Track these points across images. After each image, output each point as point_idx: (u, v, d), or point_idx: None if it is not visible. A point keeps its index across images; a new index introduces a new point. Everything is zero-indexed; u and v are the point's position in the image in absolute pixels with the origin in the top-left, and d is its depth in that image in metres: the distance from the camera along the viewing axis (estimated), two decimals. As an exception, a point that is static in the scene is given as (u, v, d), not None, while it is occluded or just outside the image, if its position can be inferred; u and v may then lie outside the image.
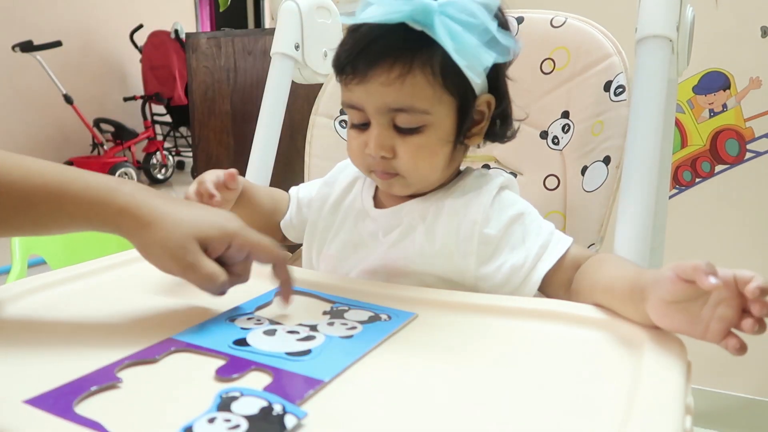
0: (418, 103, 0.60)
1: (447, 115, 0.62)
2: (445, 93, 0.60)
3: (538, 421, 0.38)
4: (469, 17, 0.57)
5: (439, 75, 0.59)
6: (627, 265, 0.58)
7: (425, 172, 0.64)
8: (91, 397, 0.39)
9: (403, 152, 0.62)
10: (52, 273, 0.62)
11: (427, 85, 0.59)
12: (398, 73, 0.58)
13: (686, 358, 0.44)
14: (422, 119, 0.60)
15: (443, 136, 0.62)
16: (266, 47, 1.61)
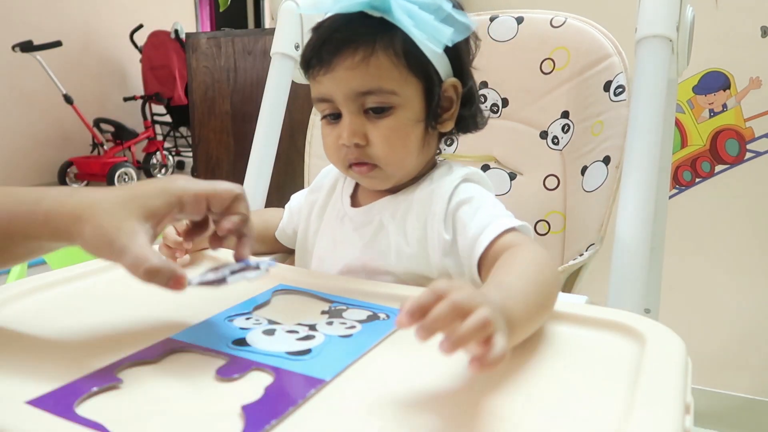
0: (385, 84, 0.61)
1: (414, 96, 0.63)
2: (410, 74, 0.62)
3: (537, 420, 0.38)
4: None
5: (402, 57, 0.61)
6: (494, 280, 0.51)
7: (400, 154, 0.64)
8: (92, 397, 0.39)
9: (375, 137, 0.62)
10: (52, 273, 0.62)
11: (392, 66, 0.61)
12: (362, 56, 0.60)
13: (686, 358, 0.44)
14: (390, 99, 0.62)
15: (413, 116, 0.63)
16: (266, 47, 1.61)
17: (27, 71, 4.39)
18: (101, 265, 0.66)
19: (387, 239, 0.66)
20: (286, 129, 0.98)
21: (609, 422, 0.37)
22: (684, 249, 1.41)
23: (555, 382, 0.43)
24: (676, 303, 1.32)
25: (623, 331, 0.49)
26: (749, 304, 1.39)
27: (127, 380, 0.41)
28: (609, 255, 0.71)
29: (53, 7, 4.65)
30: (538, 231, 0.88)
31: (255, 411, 0.38)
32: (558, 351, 0.47)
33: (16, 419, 0.36)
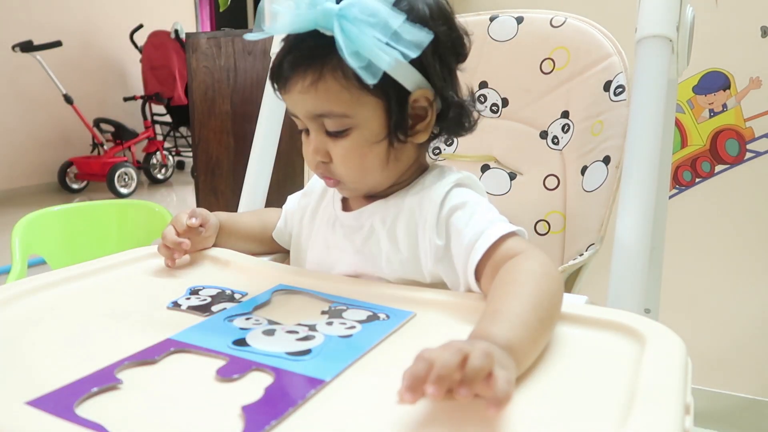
0: (335, 108, 0.60)
1: (372, 115, 0.61)
2: (366, 94, 0.60)
3: (537, 420, 0.38)
4: (369, 17, 0.56)
5: (353, 78, 0.58)
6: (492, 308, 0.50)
7: (357, 174, 0.64)
8: (92, 398, 0.39)
9: (335, 155, 0.63)
10: (52, 273, 0.62)
11: (341, 89, 0.59)
12: (311, 81, 0.59)
13: (686, 358, 0.44)
14: (344, 122, 0.61)
15: (370, 137, 0.62)
16: (266, 47, 1.61)
17: (27, 71, 4.40)
18: (101, 265, 0.66)
19: (378, 245, 0.66)
20: (286, 129, 0.98)
21: (609, 422, 0.37)
22: (684, 249, 1.41)
23: (555, 382, 0.43)
24: (676, 303, 1.32)
25: (623, 331, 0.49)
26: (749, 304, 1.39)
27: (127, 381, 0.41)
28: (609, 255, 0.71)
29: (53, 7, 4.65)
30: (538, 231, 0.88)
31: (255, 411, 0.38)
32: (558, 351, 0.47)
33: (16, 420, 0.36)
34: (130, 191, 4.43)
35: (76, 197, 4.45)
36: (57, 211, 1.51)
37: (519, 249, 0.57)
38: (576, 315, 0.52)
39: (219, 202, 1.88)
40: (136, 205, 1.65)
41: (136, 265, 0.68)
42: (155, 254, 0.70)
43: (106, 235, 1.53)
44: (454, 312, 0.55)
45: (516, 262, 0.54)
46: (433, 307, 0.56)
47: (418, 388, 0.37)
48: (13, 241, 1.33)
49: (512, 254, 0.56)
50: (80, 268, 0.64)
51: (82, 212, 1.58)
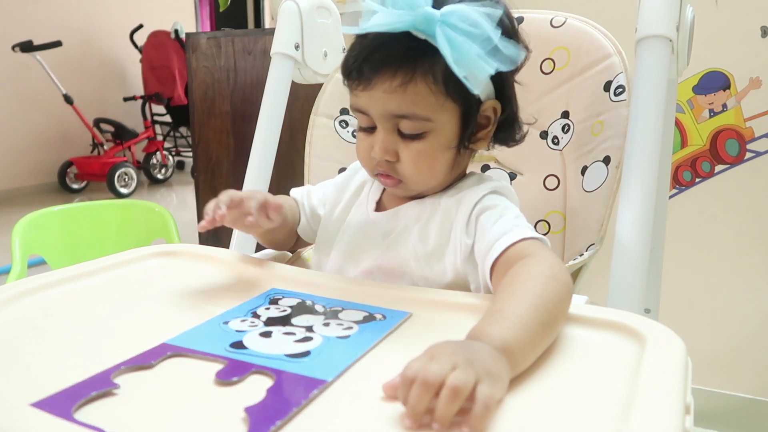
0: (420, 111, 0.61)
1: (449, 121, 0.63)
2: (448, 100, 0.61)
3: (537, 420, 0.38)
4: (471, 27, 0.57)
5: (441, 83, 0.60)
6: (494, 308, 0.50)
7: (425, 177, 0.65)
8: (91, 403, 0.39)
9: (405, 156, 0.63)
10: (52, 273, 0.62)
11: (429, 93, 0.60)
12: (400, 81, 0.59)
13: (686, 358, 0.44)
14: (424, 126, 0.62)
15: (445, 142, 0.63)
16: (266, 47, 1.61)
17: (27, 71, 4.40)
18: (101, 265, 0.66)
19: (407, 240, 0.66)
20: (286, 129, 0.98)
21: (609, 422, 0.37)
22: (684, 249, 1.41)
23: (555, 382, 0.43)
24: (676, 303, 1.32)
25: (623, 331, 0.49)
26: (749, 304, 1.39)
27: (125, 385, 0.41)
28: (609, 255, 0.71)
29: (53, 7, 4.65)
30: (538, 231, 0.88)
31: (259, 412, 0.38)
32: (558, 351, 0.47)
33: (18, 422, 0.36)
34: (130, 191, 4.43)
35: (76, 197, 4.45)
36: (57, 211, 1.51)
37: (533, 252, 0.57)
38: (576, 315, 0.52)
39: (219, 202, 1.88)
40: (136, 205, 1.65)
41: (136, 265, 0.68)
42: (155, 254, 0.70)
43: (106, 235, 1.53)
44: (450, 312, 0.55)
45: (526, 264, 0.55)
46: (428, 307, 0.56)
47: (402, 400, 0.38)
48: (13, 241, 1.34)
49: (525, 255, 0.56)
50: (80, 268, 0.64)
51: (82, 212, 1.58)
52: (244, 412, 0.37)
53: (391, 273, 0.66)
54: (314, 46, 0.98)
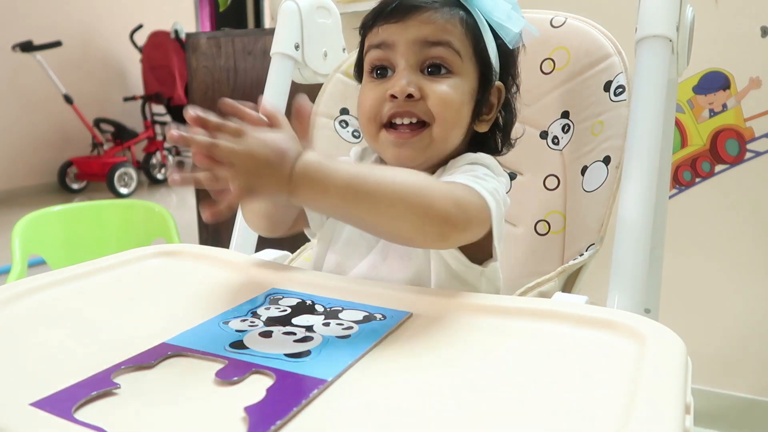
0: (456, 43, 0.61)
1: (473, 75, 0.64)
2: (473, 58, 0.63)
3: (537, 420, 0.38)
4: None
5: (471, 37, 0.62)
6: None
7: (452, 119, 0.63)
8: (91, 403, 0.39)
9: (432, 92, 0.61)
10: (52, 273, 0.62)
11: (463, 36, 0.62)
12: (441, 15, 0.61)
13: (686, 358, 0.44)
14: (454, 60, 0.62)
15: (468, 91, 0.63)
16: (266, 47, 1.61)
17: (27, 71, 4.40)
18: (101, 265, 0.66)
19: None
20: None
21: (609, 422, 0.37)
22: (684, 249, 1.41)
23: (555, 382, 0.43)
24: (676, 303, 1.32)
25: (623, 331, 0.49)
26: (749, 304, 1.39)
27: (125, 385, 0.41)
28: (609, 255, 0.71)
29: (53, 7, 4.65)
30: (538, 231, 0.88)
31: (259, 412, 0.38)
32: (558, 351, 0.47)
33: (19, 421, 0.36)
34: (130, 191, 4.43)
35: (76, 197, 4.46)
36: (57, 211, 1.51)
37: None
38: (576, 315, 0.52)
39: (219, 202, 1.88)
40: (136, 205, 1.65)
41: (136, 265, 0.68)
42: (155, 254, 0.70)
43: (106, 235, 1.53)
44: (450, 312, 0.55)
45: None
46: (428, 307, 0.56)
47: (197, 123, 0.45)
48: (13, 241, 1.34)
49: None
50: (80, 268, 0.64)
51: (83, 212, 1.58)
52: (243, 412, 0.37)
53: (396, 255, 0.66)
54: (314, 46, 0.98)
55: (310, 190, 0.49)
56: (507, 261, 0.89)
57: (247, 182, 0.46)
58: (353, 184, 0.50)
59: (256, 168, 0.46)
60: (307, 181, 0.48)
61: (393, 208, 0.51)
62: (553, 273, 0.78)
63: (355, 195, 0.50)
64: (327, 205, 0.51)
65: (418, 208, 0.52)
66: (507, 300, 0.57)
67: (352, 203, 0.50)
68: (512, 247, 0.88)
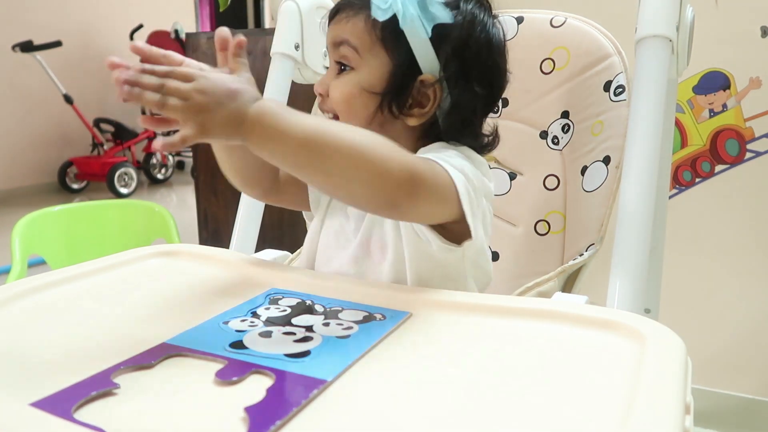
0: (353, 39, 0.65)
1: (376, 67, 0.65)
2: (380, 46, 0.64)
3: (537, 420, 0.38)
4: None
5: (379, 28, 0.63)
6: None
7: (344, 111, 0.66)
8: (91, 403, 0.39)
9: (331, 89, 0.67)
10: (52, 273, 0.62)
11: (364, 31, 0.64)
12: (346, 15, 0.66)
13: (686, 358, 0.44)
14: (352, 57, 0.65)
15: (365, 84, 0.65)
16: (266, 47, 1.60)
17: (27, 71, 4.40)
18: (101, 265, 0.66)
19: (382, 230, 0.66)
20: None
21: (609, 422, 0.37)
22: (684, 249, 1.41)
23: (555, 382, 0.43)
24: (676, 303, 1.32)
25: (623, 331, 0.49)
26: (749, 304, 1.39)
27: (125, 385, 0.41)
28: (609, 255, 0.71)
29: (53, 7, 4.65)
30: (538, 231, 0.88)
31: (259, 412, 0.38)
32: (558, 351, 0.47)
33: (18, 422, 0.36)
34: (130, 191, 4.43)
35: (76, 197, 4.45)
36: (57, 211, 1.51)
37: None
38: (576, 315, 0.52)
39: (219, 202, 1.88)
40: (136, 205, 1.66)
41: (136, 265, 0.68)
42: (155, 254, 0.70)
43: (106, 236, 1.53)
44: (450, 312, 0.55)
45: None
46: (428, 307, 0.56)
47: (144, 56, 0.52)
48: (13, 241, 1.34)
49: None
50: (80, 268, 0.64)
51: (83, 212, 1.58)
52: (244, 412, 0.37)
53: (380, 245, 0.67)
54: (314, 46, 0.98)
55: (264, 137, 0.51)
56: (507, 261, 0.89)
57: (198, 119, 0.48)
58: (309, 139, 0.51)
59: (206, 105, 0.48)
60: (262, 127, 0.50)
61: (346, 168, 0.53)
62: (553, 273, 0.78)
63: (310, 150, 0.51)
64: (280, 155, 0.52)
65: (371, 171, 0.53)
66: (507, 300, 0.57)
67: (306, 158, 0.52)
68: (512, 247, 0.88)
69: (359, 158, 0.53)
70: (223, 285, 0.63)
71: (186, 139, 0.48)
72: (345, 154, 0.52)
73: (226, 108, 0.49)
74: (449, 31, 0.63)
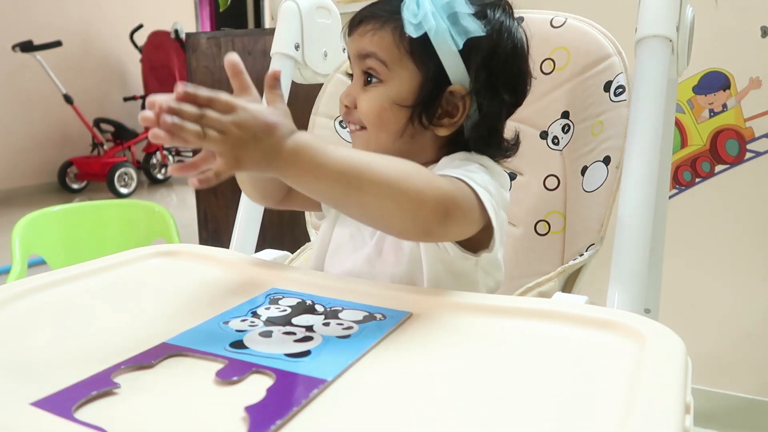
0: (381, 53, 0.65)
1: (406, 80, 0.65)
2: (409, 59, 0.64)
3: (537, 420, 0.38)
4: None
5: (407, 40, 0.63)
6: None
7: (374, 124, 0.66)
8: (91, 402, 0.39)
9: (360, 101, 0.66)
10: (52, 273, 0.62)
11: (392, 43, 0.64)
12: (372, 27, 0.66)
13: (686, 358, 0.44)
14: (381, 70, 0.65)
15: (396, 97, 0.65)
16: (266, 47, 1.61)
17: (27, 71, 4.40)
18: (101, 265, 0.66)
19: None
20: (286, 129, 0.98)
21: (609, 422, 0.37)
22: (684, 249, 1.41)
23: (555, 382, 0.43)
24: (676, 303, 1.32)
25: (623, 331, 0.49)
26: (749, 304, 1.39)
27: (125, 385, 0.41)
28: (609, 255, 0.71)
29: (53, 7, 4.65)
30: (538, 231, 0.88)
31: (259, 412, 0.38)
32: (558, 351, 0.47)
33: (19, 421, 0.36)
34: (130, 191, 4.43)
35: (76, 197, 4.46)
36: (57, 211, 1.51)
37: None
38: (576, 315, 0.52)
39: (219, 201, 1.88)
40: (136, 205, 1.65)
41: (136, 265, 0.68)
42: (155, 254, 0.70)
43: (106, 236, 1.53)
44: (450, 312, 0.55)
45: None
46: (428, 307, 0.56)
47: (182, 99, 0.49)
48: (13, 241, 1.34)
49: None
50: (80, 268, 0.64)
51: (83, 212, 1.58)
52: (244, 412, 0.37)
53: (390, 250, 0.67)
54: (314, 46, 0.98)
55: (300, 170, 0.50)
56: (507, 261, 0.89)
57: (234, 153, 0.47)
58: (345, 171, 0.51)
59: (243, 139, 0.47)
60: (298, 161, 0.49)
61: (382, 201, 0.53)
62: (553, 273, 0.78)
63: (347, 183, 0.51)
64: (316, 187, 0.53)
65: (407, 203, 0.53)
66: (507, 300, 0.57)
67: (343, 191, 0.52)
68: (512, 247, 0.88)
69: (395, 191, 0.53)
70: (223, 285, 0.63)
71: (221, 173, 0.48)
72: (381, 186, 0.52)
73: (263, 143, 0.48)
74: (479, 42, 0.63)
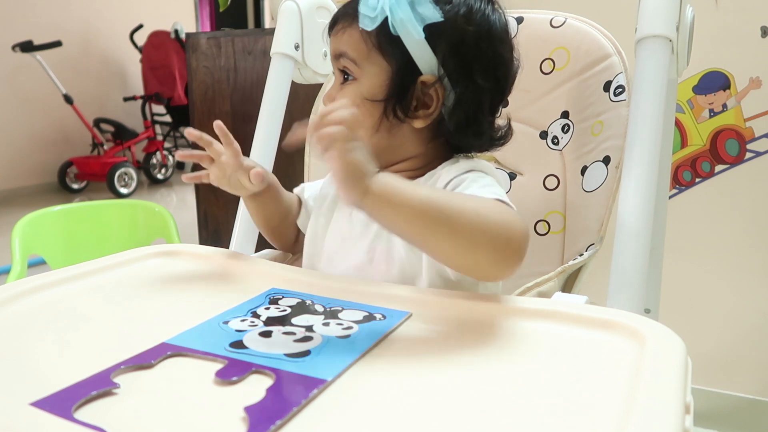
0: (350, 52, 0.66)
1: (376, 75, 0.65)
2: (377, 54, 0.65)
3: (537, 420, 0.38)
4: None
5: (374, 36, 0.64)
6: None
7: None
8: (91, 402, 0.39)
9: (336, 100, 0.66)
10: (52, 273, 0.62)
11: (360, 40, 0.65)
12: (342, 26, 0.67)
13: (686, 358, 0.44)
14: (352, 68, 0.66)
15: (366, 93, 0.65)
16: (266, 47, 1.61)
17: (27, 71, 4.40)
18: (101, 265, 0.66)
19: (389, 244, 0.66)
20: (286, 129, 0.98)
21: (609, 422, 0.37)
22: (684, 249, 1.41)
23: (555, 382, 0.43)
24: (676, 303, 1.32)
25: (623, 331, 0.49)
26: (749, 303, 1.39)
27: (125, 385, 0.41)
28: (609, 255, 0.71)
29: (53, 7, 4.65)
30: (538, 231, 0.88)
31: (258, 412, 0.38)
32: (558, 351, 0.47)
33: (19, 421, 0.36)
34: (130, 191, 4.43)
35: (76, 197, 4.45)
36: (57, 211, 1.51)
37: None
38: (576, 315, 0.52)
39: (219, 201, 1.88)
40: (136, 205, 1.65)
41: (136, 265, 0.68)
42: (155, 254, 0.70)
43: (106, 235, 1.53)
44: (450, 312, 0.55)
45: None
46: (428, 307, 0.56)
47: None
48: (13, 241, 1.34)
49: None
50: (80, 268, 0.64)
51: (83, 212, 1.58)
52: (243, 412, 0.37)
53: (385, 259, 0.67)
54: (314, 46, 0.98)
55: (383, 210, 0.52)
56: (507, 261, 0.89)
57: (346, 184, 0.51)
58: (426, 211, 0.52)
59: (343, 177, 0.51)
60: (383, 200, 0.52)
61: (461, 239, 0.53)
62: (553, 273, 0.77)
63: (426, 222, 0.53)
64: (395, 227, 0.55)
65: (486, 245, 0.54)
66: (506, 300, 0.57)
67: (420, 228, 0.53)
68: (512, 247, 0.88)
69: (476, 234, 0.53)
70: (223, 285, 0.63)
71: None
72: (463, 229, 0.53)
73: (354, 182, 0.51)
74: (443, 28, 0.62)
